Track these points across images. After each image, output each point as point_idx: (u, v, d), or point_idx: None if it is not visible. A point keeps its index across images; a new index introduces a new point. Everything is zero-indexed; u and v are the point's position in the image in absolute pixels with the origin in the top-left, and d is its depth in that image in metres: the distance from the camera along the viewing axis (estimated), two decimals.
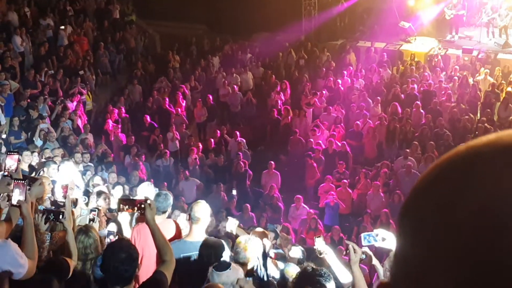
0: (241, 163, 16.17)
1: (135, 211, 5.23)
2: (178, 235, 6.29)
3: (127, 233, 7.12)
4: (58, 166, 10.20)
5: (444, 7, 22.71)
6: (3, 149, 12.28)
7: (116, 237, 6.57)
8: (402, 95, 19.04)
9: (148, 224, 5.07)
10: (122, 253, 4.12)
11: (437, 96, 18.64)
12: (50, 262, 5.17)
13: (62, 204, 5.96)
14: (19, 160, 5.69)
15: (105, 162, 14.32)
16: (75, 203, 7.61)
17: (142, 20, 24.88)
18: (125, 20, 24.08)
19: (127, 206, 5.30)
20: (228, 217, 10.02)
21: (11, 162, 5.55)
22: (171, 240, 6.04)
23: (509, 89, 18.78)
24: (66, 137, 15.23)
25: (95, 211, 7.20)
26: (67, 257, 5.27)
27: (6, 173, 5.46)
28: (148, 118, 18.42)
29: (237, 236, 6.98)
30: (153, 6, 24.46)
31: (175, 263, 4.95)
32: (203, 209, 6.02)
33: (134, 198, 6.30)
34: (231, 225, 8.30)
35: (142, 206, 5.08)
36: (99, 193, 8.90)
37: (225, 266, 5.00)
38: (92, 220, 7.07)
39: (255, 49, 23.32)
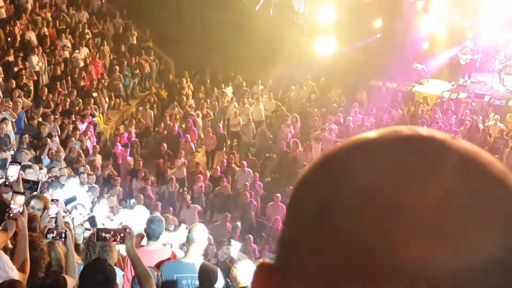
0: (247, 193, 16.13)
1: (117, 239, 5.17)
2: None
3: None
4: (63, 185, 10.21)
5: (458, 51, 22.77)
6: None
7: None
8: None
9: (128, 253, 5.12)
10: (99, 274, 4.07)
11: None
12: (46, 279, 5.12)
13: (54, 219, 5.95)
14: (20, 171, 5.69)
15: (110, 184, 14.32)
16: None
17: (158, 46, 25.08)
18: (142, 46, 24.31)
19: (108, 235, 5.26)
20: (232, 240, 10.01)
21: (12, 172, 5.53)
22: (167, 259, 6.06)
23: None
24: (74, 157, 15.27)
25: (90, 230, 7.15)
26: (66, 275, 5.23)
27: (6, 183, 5.46)
28: (165, 146, 18.48)
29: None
30: (169, 33, 24.64)
31: (169, 284, 4.93)
32: (200, 231, 6.04)
33: (111, 228, 6.27)
34: (235, 249, 8.32)
35: (122, 235, 5.09)
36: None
37: None
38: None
39: (268, 82, 23.43)
